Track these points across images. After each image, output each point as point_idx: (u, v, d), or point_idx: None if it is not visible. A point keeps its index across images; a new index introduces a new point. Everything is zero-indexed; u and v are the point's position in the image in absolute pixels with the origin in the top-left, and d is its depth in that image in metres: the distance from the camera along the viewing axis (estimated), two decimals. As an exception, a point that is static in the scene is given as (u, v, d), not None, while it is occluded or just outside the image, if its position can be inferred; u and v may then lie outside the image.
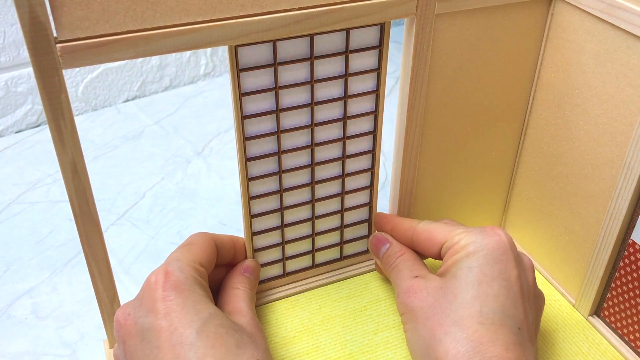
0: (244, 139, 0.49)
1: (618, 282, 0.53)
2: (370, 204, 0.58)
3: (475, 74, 0.54)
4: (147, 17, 0.39)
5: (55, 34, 0.37)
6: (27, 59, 0.47)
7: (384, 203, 0.61)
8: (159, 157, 0.84)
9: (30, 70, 0.88)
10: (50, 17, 0.36)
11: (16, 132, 0.91)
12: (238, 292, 0.50)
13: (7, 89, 0.88)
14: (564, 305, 0.58)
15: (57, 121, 0.39)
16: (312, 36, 0.47)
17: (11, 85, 0.88)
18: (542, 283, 0.60)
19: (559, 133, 0.56)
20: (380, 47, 0.50)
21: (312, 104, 0.50)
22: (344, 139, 0.53)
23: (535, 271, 0.61)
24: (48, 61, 0.37)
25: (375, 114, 0.53)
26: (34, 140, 0.89)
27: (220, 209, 0.75)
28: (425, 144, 0.55)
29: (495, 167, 0.61)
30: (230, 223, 0.73)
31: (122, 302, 0.50)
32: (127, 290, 0.63)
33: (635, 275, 0.51)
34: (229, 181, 0.80)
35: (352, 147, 0.54)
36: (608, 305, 0.54)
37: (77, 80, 0.93)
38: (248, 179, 0.51)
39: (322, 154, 0.53)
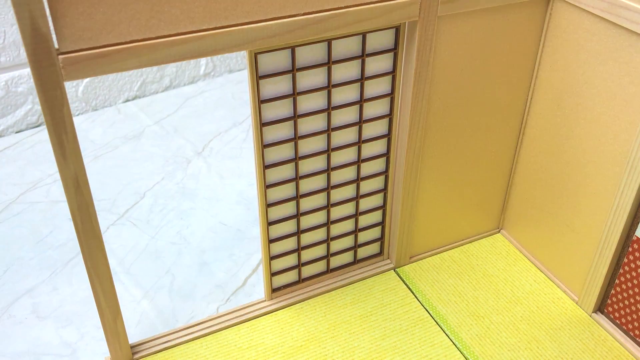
0: (263, 146, 0.49)
1: (622, 279, 0.53)
2: (384, 207, 0.58)
3: (475, 74, 0.54)
4: (151, 26, 0.38)
5: (56, 46, 0.36)
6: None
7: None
8: (159, 157, 0.84)
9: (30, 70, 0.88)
10: (52, 29, 0.36)
11: (16, 132, 0.90)
12: None
13: (7, 89, 0.88)
14: (567, 303, 0.58)
15: (59, 135, 0.39)
16: (329, 41, 0.47)
17: (11, 85, 0.88)
18: (543, 281, 0.60)
19: (559, 132, 0.56)
20: (395, 50, 0.50)
21: (329, 108, 0.50)
22: (359, 142, 0.53)
23: (536, 269, 0.62)
24: (50, 74, 0.37)
25: (390, 117, 0.53)
26: (34, 140, 0.89)
27: (220, 209, 0.75)
28: (426, 146, 0.55)
29: (494, 166, 0.61)
30: (230, 223, 0.73)
31: (122, 305, 0.49)
32: (127, 290, 0.63)
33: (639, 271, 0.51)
34: (229, 181, 0.80)
35: (367, 150, 0.54)
36: (612, 301, 0.55)
37: (77, 80, 0.92)
38: (266, 186, 0.51)
39: (338, 158, 0.53)
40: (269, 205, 0.52)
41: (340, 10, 0.43)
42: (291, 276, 0.58)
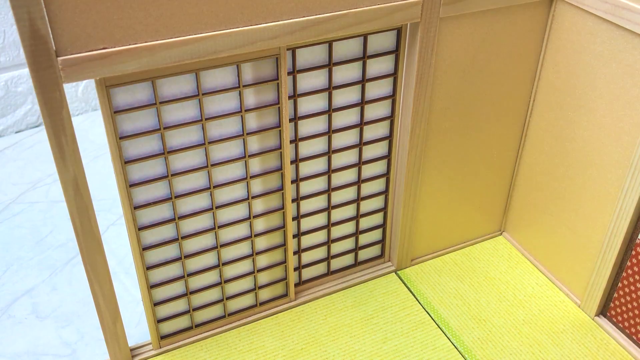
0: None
1: (625, 282, 0.52)
2: (386, 209, 0.58)
3: (477, 76, 0.53)
4: (149, 28, 0.38)
5: (55, 48, 0.36)
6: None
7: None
8: (160, 157, 0.84)
9: (28, 70, 0.88)
10: (51, 31, 0.35)
11: (16, 132, 0.90)
12: None
13: (7, 89, 0.88)
14: (570, 306, 0.58)
15: (58, 138, 0.38)
16: (330, 43, 0.46)
17: (11, 85, 0.88)
18: (545, 284, 0.60)
19: (561, 134, 0.55)
20: (397, 51, 0.49)
21: (330, 110, 0.49)
22: (360, 144, 0.53)
23: (538, 272, 0.62)
24: (49, 75, 0.36)
25: (392, 119, 0.53)
26: (34, 140, 0.88)
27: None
28: (428, 147, 0.55)
29: (496, 168, 0.61)
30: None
31: (122, 305, 0.49)
32: (127, 290, 0.63)
33: (642, 275, 0.51)
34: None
35: (369, 152, 0.54)
36: (615, 305, 0.54)
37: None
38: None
39: (339, 160, 0.53)
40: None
41: (342, 12, 0.43)
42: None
